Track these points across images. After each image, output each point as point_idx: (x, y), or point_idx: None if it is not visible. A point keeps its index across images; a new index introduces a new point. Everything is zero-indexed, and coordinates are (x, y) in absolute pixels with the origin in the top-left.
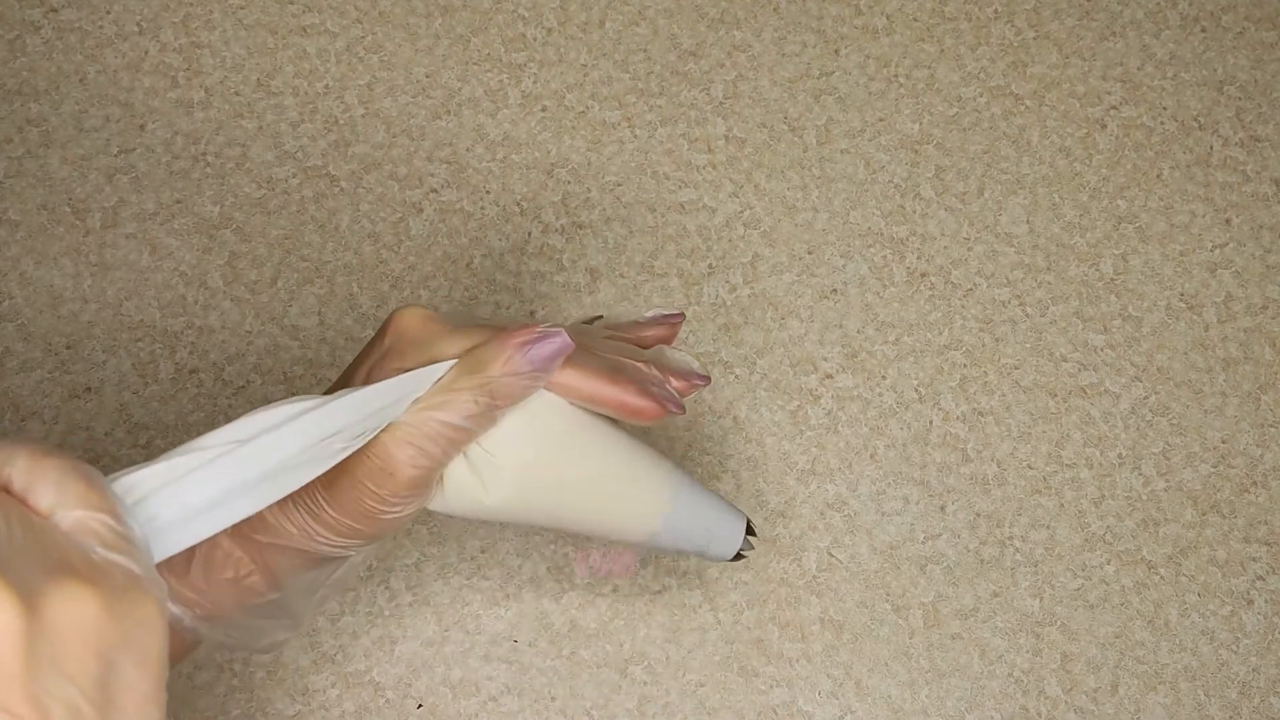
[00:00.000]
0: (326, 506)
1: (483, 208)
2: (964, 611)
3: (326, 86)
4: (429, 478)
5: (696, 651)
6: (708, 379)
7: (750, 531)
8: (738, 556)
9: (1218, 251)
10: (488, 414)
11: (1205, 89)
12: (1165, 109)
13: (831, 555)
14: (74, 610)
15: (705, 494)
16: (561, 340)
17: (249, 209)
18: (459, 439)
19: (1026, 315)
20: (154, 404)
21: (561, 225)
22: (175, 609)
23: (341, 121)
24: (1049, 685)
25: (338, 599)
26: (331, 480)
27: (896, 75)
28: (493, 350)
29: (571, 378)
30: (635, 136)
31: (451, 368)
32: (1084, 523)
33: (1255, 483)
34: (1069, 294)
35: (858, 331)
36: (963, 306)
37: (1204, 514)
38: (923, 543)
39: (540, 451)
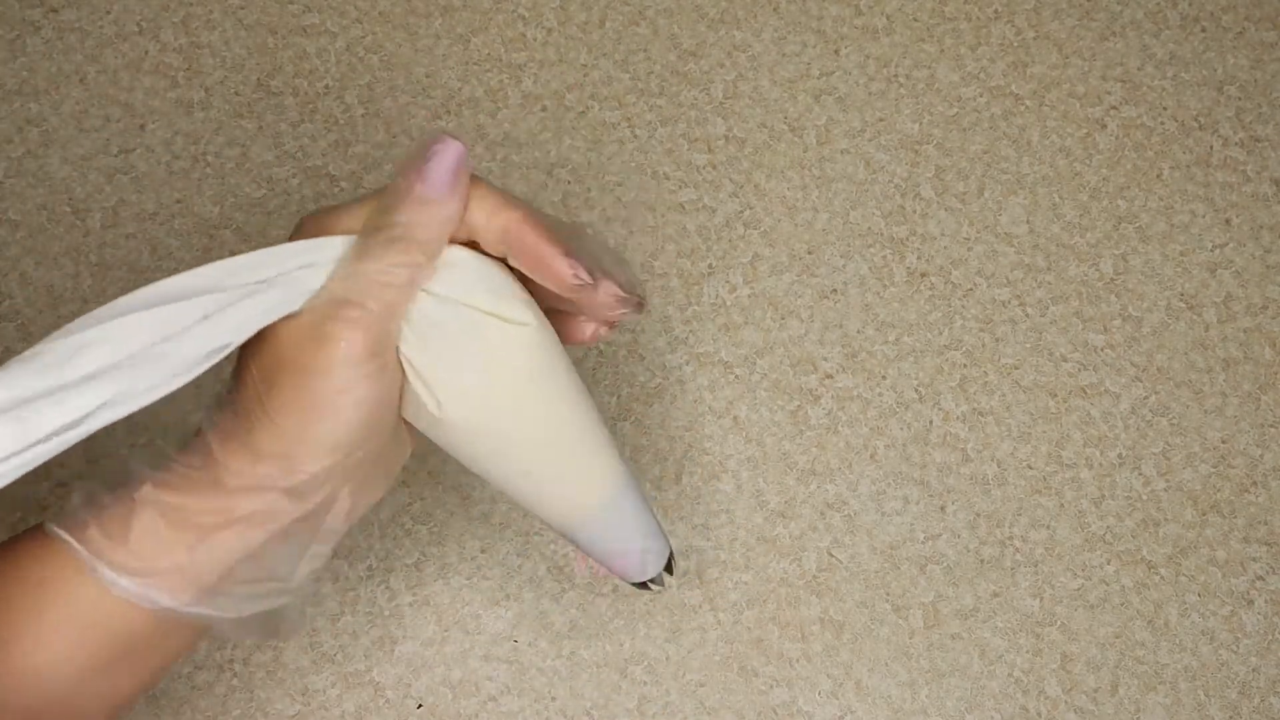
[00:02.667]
0: (272, 414)
1: None
2: (964, 611)
3: (326, 86)
4: (371, 342)
5: (696, 651)
6: (641, 305)
7: (669, 568)
8: (645, 585)
9: (1218, 251)
10: (415, 259)
11: (1205, 89)
12: (1165, 109)
13: (831, 555)
14: None
15: (646, 505)
16: (453, 148)
17: (249, 209)
18: (391, 292)
19: (1026, 315)
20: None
21: None
22: (144, 588)
23: (341, 121)
24: (1049, 685)
25: (333, 587)
26: (270, 379)
27: (896, 75)
28: (390, 194)
29: (521, 225)
30: (635, 136)
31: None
32: (1084, 523)
33: (1255, 483)
34: (1069, 294)
35: (858, 331)
36: (963, 306)
37: (1204, 514)
38: (923, 543)
39: (495, 378)
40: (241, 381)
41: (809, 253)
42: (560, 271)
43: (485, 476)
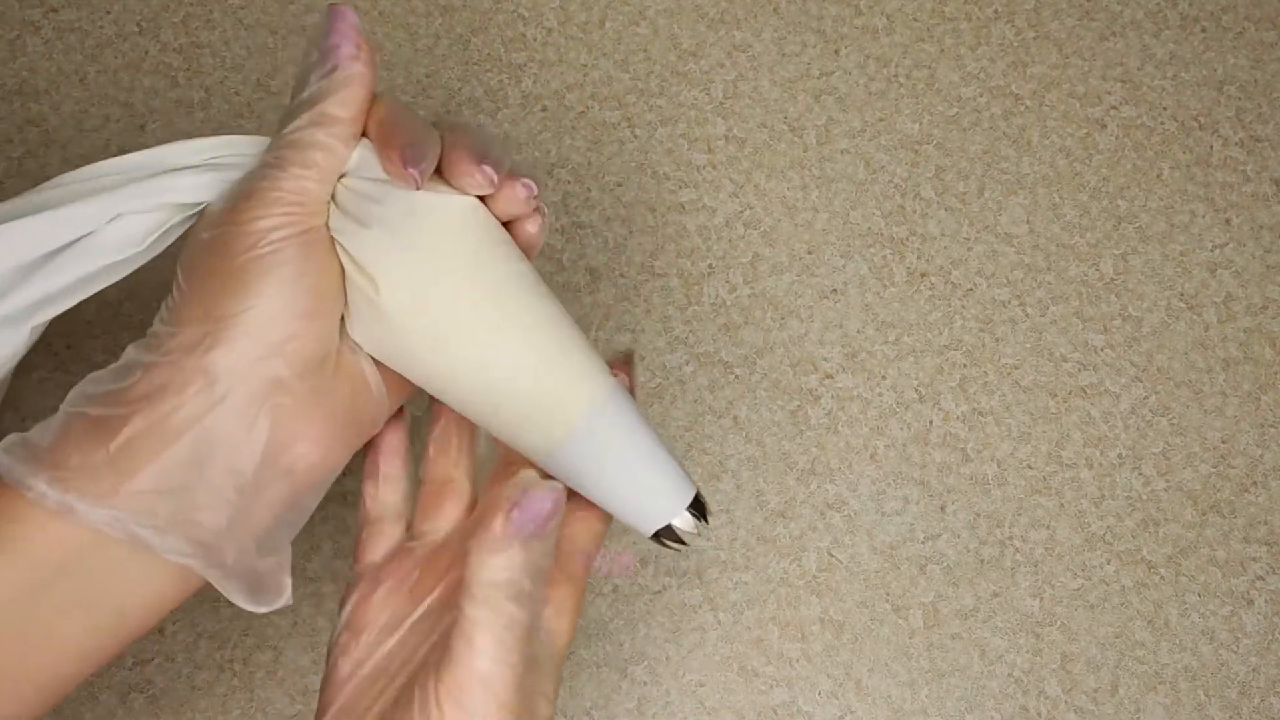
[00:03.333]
0: (187, 290)
1: None
2: (964, 611)
3: None
4: (289, 207)
5: (696, 651)
6: (531, 191)
7: (701, 514)
8: (667, 538)
9: (1218, 251)
10: (329, 120)
11: (1205, 89)
12: (1165, 109)
13: (831, 555)
14: None
15: (651, 430)
16: (345, 12)
17: None
18: (308, 154)
19: (1026, 315)
20: None
21: (561, 225)
22: (116, 512)
23: None
24: (1049, 685)
25: (334, 587)
26: (189, 266)
27: (896, 75)
28: (298, 75)
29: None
30: (635, 136)
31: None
32: (1084, 523)
33: (1255, 483)
34: (1069, 294)
35: (858, 331)
36: (963, 306)
37: (1204, 514)
38: (923, 543)
39: (433, 250)
40: (169, 293)
41: (809, 253)
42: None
43: (444, 394)
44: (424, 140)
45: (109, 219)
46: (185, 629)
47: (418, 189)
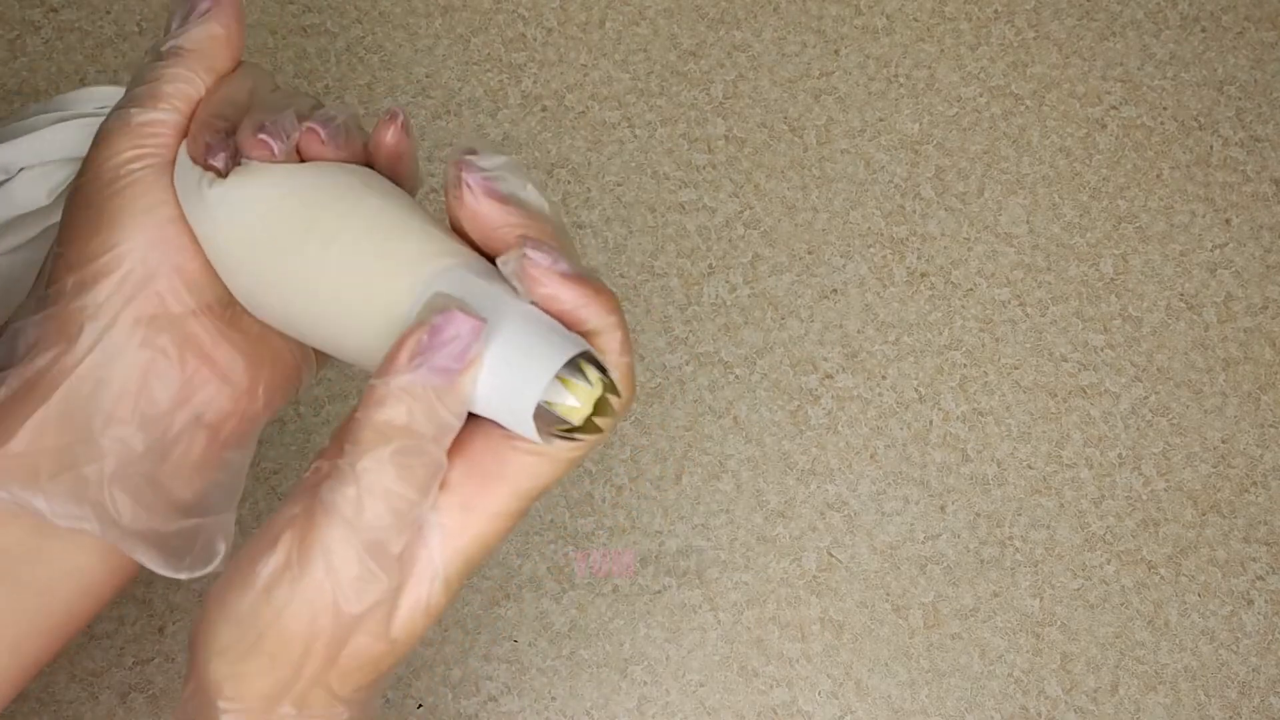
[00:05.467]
0: (60, 243)
1: None
2: (964, 611)
3: (326, 86)
4: (142, 139)
5: (696, 651)
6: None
7: (586, 371)
8: (559, 429)
9: (1218, 251)
10: (186, 65)
11: (1205, 89)
12: (1165, 109)
13: (831, 555)
14: None
15: (502, 300)
16: None
17: None
18: (160, 91)
19: (1026, 315)
20: None
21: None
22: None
23: None
24: (1049, 685)
25: None
26: (64, 219)
27: (896, 75)
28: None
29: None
30: (635, 136)
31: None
32: (1084, 523)
33: (1255, 483)
34: (1069, 294)
35: (858, 331)
36: (963, 306)
37: (1204, 514)
38: (923, 543)
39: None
40: None
41: (809, 253)
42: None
43: (277, 296)
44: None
45: (14, 173)
46: (185, 629)
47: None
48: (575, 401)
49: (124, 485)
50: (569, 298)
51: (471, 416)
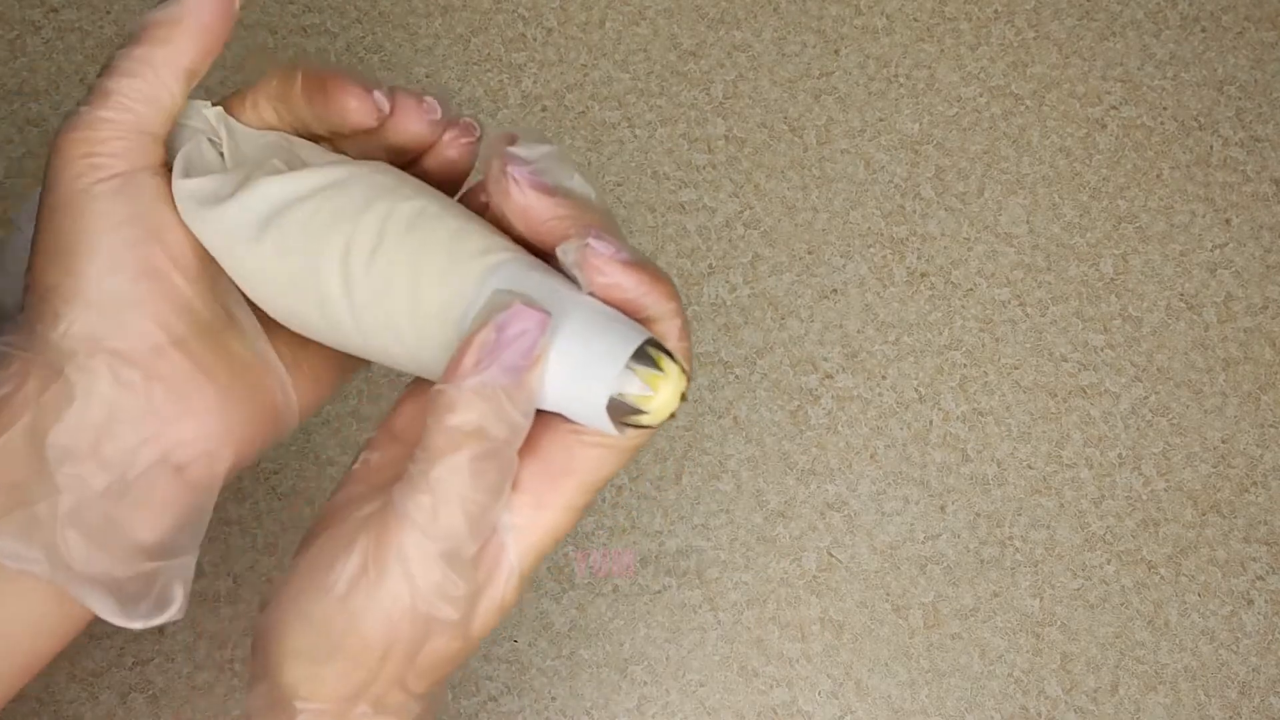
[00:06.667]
0: (33, 271)
1: None
2: (964, 611)
3: None
4: (113, 149)
5: (696, 651)
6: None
7: (659, 359)
8: (629, 419)
9: (1218, 251)
10: (144, 51)
11: (1205, 89)
12: (1165, 109)
13: (831, 555)
14: None
15: (564, 294)
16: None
17: None
18: (119, 86)
19: (1026, 315)
20: None
21: None
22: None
23: None
24: (1049, 685)
25: None
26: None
27: (896, 75)
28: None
29: (294, 74)
30: (635, 136)
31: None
32: (1084, 523)
33: (1255, 483)
34: (1069, 294)
35: (858, 331)
36: (963, 306)
37: (1204, 514)
38: (923, 543)
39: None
40: None
41: (809, 253)
42: (351, 103)
43: (318, 310)
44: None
45: None
46: (185, 629)
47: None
48: (648, 390)
49: (79, 525)
50: (631, 285)
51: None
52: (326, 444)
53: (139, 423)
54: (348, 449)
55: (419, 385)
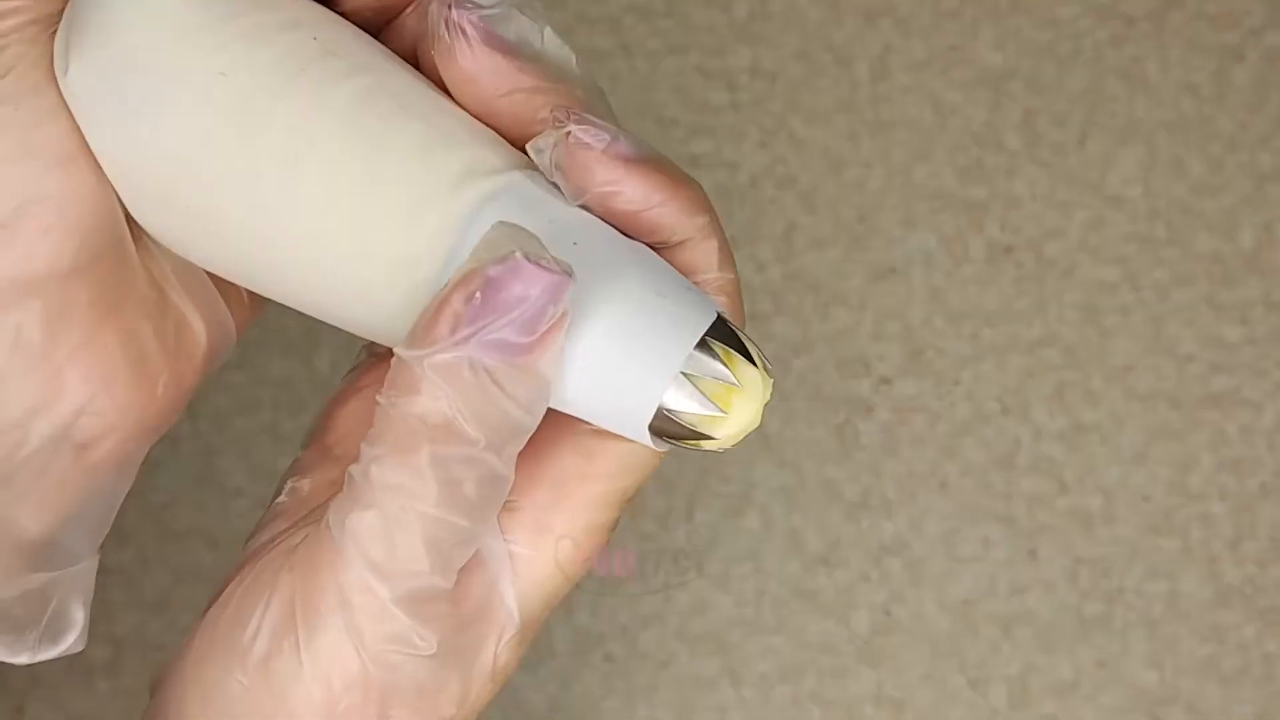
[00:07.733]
0: None
1: None
2: (1061, 687)
3: None
4: None
5: None
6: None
7: (741, 352)
8: (676, 435)
9: None
10: None
11: None
12: None
13: (888, 614)
14: None
15: (604, 228)
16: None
17: None
18: None
19: (1142, 302)
20: None
21: None
22: None
23: None
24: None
25: None
26: None
27: None
28: None
29: None
30: (634, 69)
31: None
32: (1215, 571)
33: None
34: (1197, 274)
35: (923, 323)
36: (1059, 291)
37: None
38: (1007, 598)
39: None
40: None
41: (860, 221)
42: None
43: (225, 237)
44: None
45: None
46: (49, 710)
47: None
48: (713, 409)
49: None
50: (637, 192)
51: None
52: (234, 469)
53: (32, 385)
54: (263, 475)
55: (364, 375)
